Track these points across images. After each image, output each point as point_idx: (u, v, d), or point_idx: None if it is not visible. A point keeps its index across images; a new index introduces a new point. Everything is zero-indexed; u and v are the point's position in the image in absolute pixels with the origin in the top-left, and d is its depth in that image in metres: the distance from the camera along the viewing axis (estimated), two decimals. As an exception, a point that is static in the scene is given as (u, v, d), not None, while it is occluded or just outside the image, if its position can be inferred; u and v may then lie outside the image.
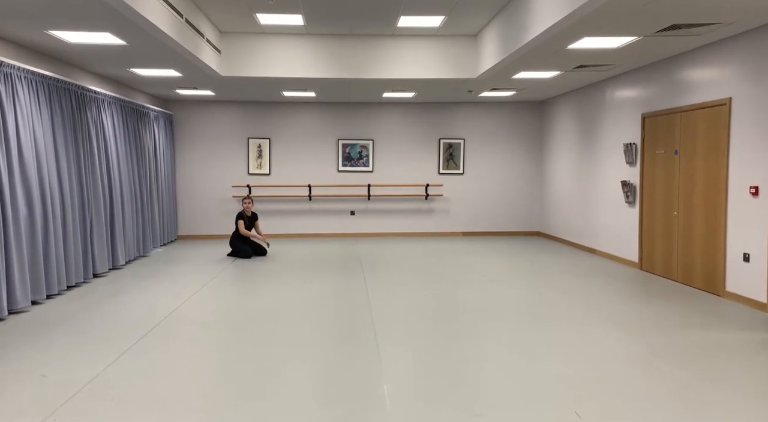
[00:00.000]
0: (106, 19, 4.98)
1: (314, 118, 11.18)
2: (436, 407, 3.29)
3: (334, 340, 4.59)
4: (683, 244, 6.69)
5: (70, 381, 3.69)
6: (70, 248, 6.51)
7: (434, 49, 8.17)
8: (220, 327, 4.99)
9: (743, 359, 4.11)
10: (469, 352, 4.26)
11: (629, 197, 7.89)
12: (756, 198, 5.54)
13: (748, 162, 5.64)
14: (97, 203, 7.24)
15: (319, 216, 11.27)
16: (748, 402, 3.35)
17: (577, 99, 9.68)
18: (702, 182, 6.33)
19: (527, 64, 7.20)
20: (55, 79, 6.36)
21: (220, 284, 6.82)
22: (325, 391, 3.53)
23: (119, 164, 8.07)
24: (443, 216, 11.49)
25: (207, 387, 3.61)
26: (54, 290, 6.10)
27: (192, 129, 10.99)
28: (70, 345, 4.46)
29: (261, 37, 7.97)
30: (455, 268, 7.80)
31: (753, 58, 5.55)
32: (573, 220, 9.92)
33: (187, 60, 6.83)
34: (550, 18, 5.32)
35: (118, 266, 7.89)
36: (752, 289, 5.61)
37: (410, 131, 11.35)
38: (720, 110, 6.02)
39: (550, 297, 6.04)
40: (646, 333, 4.73)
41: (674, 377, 3.74)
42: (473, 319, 5.18)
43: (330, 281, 6.97)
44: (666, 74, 6.98)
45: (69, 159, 6.62)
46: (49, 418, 3.14)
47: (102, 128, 7.56)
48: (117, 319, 5.23)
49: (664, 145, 7.06)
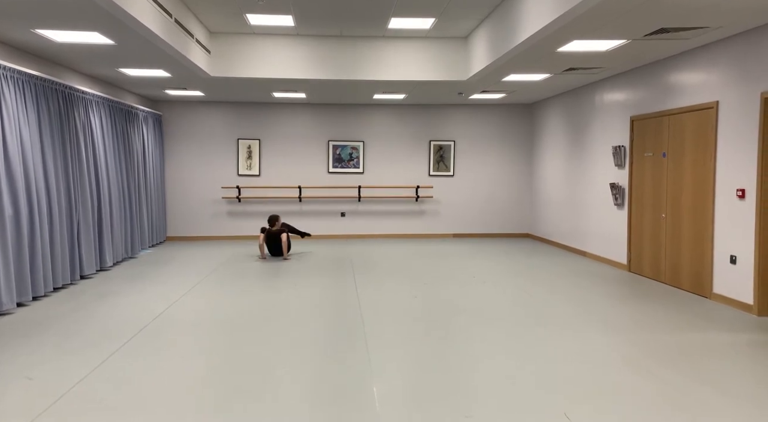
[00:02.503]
0: (94, 18, 4.94)
1: (305, 119, 11.15)
2: (426, 408, 3.28)
3: (324, 342, 4.57)
4: (671, 246, 6.74)
5: (57, 384, 3.65)
6: (56, 249, 6.44)
7: (425, 51, 8.19)
8: (209, 329, 4.96)
9: (730, 360, 4.14)
10: (459, 354, 4.26)
11: (618, 200, 7.94)
12: (742, 201, 5.60)
13: (734, 165, 5.69)
14: (84, 204, 7.17)
15: (310, 218, 11.24)
16: (734, 402, 3.38)
17: (566, 102, 9.74)
18: (690, 184, 6.39)
19: (517, 66, 7.23)
20: (42, 78, 6.30)
21: (209, 286, 6.78)
22: (315, 393, 3.52)
23: (107, 165, 8.01)
24: (433, 218, 11.50)
25: (196, 389, 3.58)
26: (40, 291, 6.03)
27: (181, 130, 10.93)
28: (57, 347, 4.41)
29: (251, 38, 7.94)
30: (445, 270, 7.81)
31: (739, 62, 5.60)
32: (562, 222, 9.97)
33: (177, 60, 6.79)
34: (540, 21, 5.35)
35: (106, 267, 7.82)
36: (739, 291, 5.66)
37: (401, 133, 11.36)
38: (707, 113, 6.08)
39: (540, 299, 6.06)
40: (634, 335, 4.75)
41: (663, 378, 3.77)
42: (463, 321, 5.19)
43: (320, 282, 6.95)
44: (654, 77, 7.04)
45: (56, 159, 6.56)
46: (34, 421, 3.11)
47: (90, 128, 7.49)
48: (105, 321, 5.18)
49: (652, 147, 7.12)
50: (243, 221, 11.10)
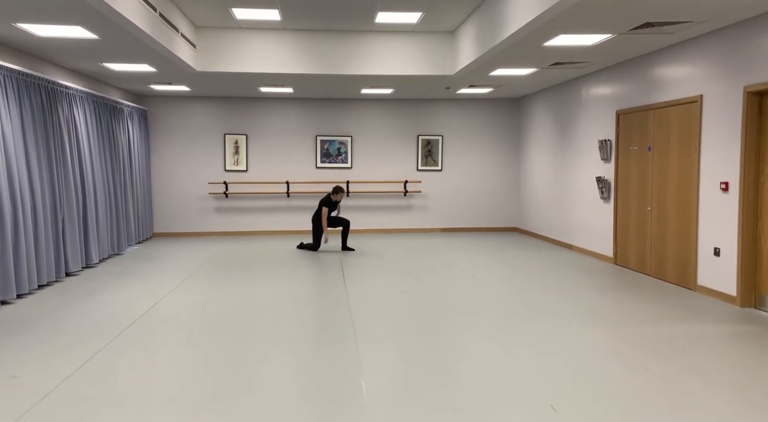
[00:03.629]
0: (77, 12, 4.87)
1: (292, 114, 11.10)
2: (414, 402, 3.30)
3: (313, 336, 4.57)
4: (656, 239, 6.81)
5: (42, 382, 3.62)
6: (41, 246, 6.37)
7: (412, 45, 8.17)
8: (196, 325, 4.94)
9: (714, 350, 4.20)
10: (447, 347, 4.28)
11: (604, 193, 8.00)
12: (726, 194, 5.66)
13: (718, 158, 5.76)
14: (69, 200, 7.09)
15: (297, 213, 11.21)
16: (718, 391, 3.43)
17: (553, 96, 9.78)
18: (674, 177, 6.45)
19: (504, 61, 7.24)
20: (24, 73, 6.20)
21: (196, 282, 6.74)
22: (303, 387, 3.52)
23: (92, 161, 7.92)
24: (422, 212, 11.52)
25: (184, 385, 3.57)
26: (24, 289, 5.96)
27: (167, 125, 10.83)
28: (42, 345, 4.37)
29: (237, 32, 7.88)
30: (434, 264, 7.83)
31: (723, 56, 5.66)
32: (550, 216, 10.03)
33: (162, 55, 6.73)
34: (527, 15, 5.36)
35: (92, 264, 7.74)
36: (722, 283, 5.73)
37: (389, 128, 11.35)
38: (692, 107, 6.13)
39: (528, 292, 6.10)
40: (621, 327, 4.80)
41: (649, 368, 3.81)
42: (452, 314, 5.21)
43: (308, 277, 6.94)
44: (640, 72, 7.08)
45: (39, 156, 6.47)
46: (19, 420, 3.07)
47: (74, 124, 7.40)
48: (91, 318, 5.14)
49: (638, 141, 7.17)
50: (230, 216, 11.05)
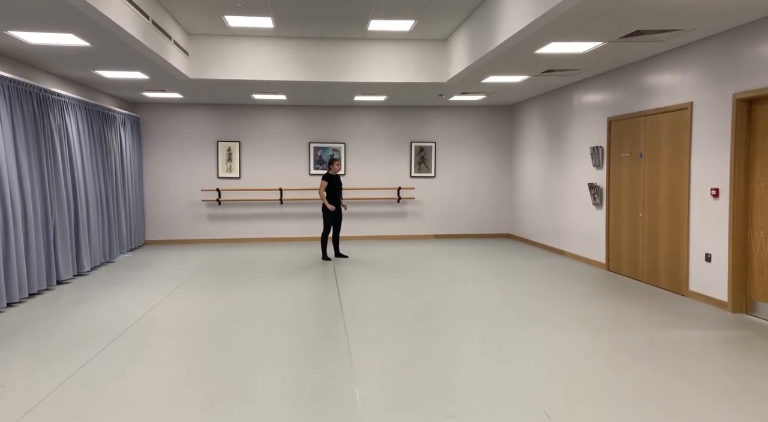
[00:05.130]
0: (69, 20, 4.87)
1: (285, 121, 11.11)
2: (408, 409, 3.29)
3: (306, 344, 4.55)
4: (648, 245, 6.84)
5: (33, 391, 3.58)
6: (32, 254, 6.32)
7: (405, 53, 8.21)
8: (189, 332, 4.91)
9: (706, 356, 4.22)
10: (441, 354, 4.28)
11: (596, 200, 8.04)
12: (716, 200, 5.71)
13: (708, 165, 5.80)
14: (60, 208, 7.05)
15: (291, 220, 11.19)
16: (708, 396, 3.45)
17: (545, 103, 9.84)
18: (666, 184, 6.49)
19: (496, 68, 7.28)
20: (15, 81, 6.18)
21: (188, 289, 6.71)
22: (297, 395, 3.50)
23: (84, 168, 7.88)
24: (415, 219, 11.53)
25: (175, 393, 3.54)
26: (15, 297, 5.91)
27: (160, 132, 10.81)
28: (33, 354, 4.33)
29: (230, 40, 7.89)
30: (427, 270, 7.83)
31: (713, 63, 5.72)
32: (542, 222, 10.06)
33: (154, 62, 6.72)
34: (519, 23, 5.40)
35: (83, 272, 7.69)
36: (714, 288, 5.77)
37: (382, 134, 11.37)
38: (682, 114, 6.18)
39: (521, 298, 6.11)
40: (613, 333, 4.82)
41: (641, 374, 3.82)
42: (445, 321, 5.21)
43: (301, 285, 6.92)
44: (631, 79, 7.14)
45: (31, 163, 6.44)
46: (9, 430, 3.05)
47: (66, 131, 7.37)
48: (82, 326, 5.10)
49: (629, 148, 7.22)
50: (223, 224, 11.01)
